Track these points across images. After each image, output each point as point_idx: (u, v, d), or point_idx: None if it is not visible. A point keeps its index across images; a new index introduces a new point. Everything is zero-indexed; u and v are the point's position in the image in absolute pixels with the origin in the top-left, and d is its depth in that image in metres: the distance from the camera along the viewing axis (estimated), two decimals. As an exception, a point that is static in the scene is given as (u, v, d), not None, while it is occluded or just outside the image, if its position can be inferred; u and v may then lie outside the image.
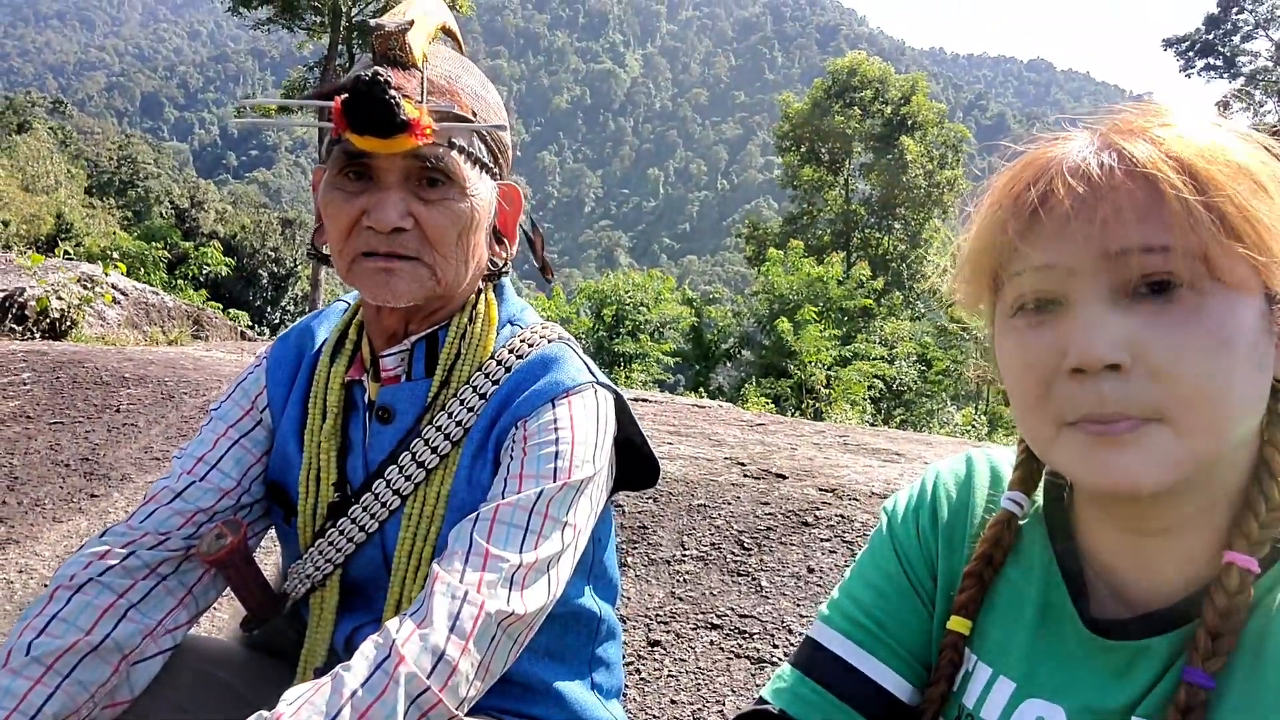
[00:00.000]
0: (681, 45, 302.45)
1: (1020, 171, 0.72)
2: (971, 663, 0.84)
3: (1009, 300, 0.73)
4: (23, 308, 6.51)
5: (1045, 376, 0.69)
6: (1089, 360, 0.66)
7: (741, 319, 22.48)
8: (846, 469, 3.27)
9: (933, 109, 33.32)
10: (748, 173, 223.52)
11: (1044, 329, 0.70)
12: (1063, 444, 0.69)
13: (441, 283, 1.15)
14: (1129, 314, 0.66)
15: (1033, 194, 0.69)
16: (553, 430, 1.13)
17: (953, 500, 0.91)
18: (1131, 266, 0.66)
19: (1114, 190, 0.66)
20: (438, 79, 1.12)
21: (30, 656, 1.05)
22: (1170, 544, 0.73)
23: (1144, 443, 0.65)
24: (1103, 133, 0.70)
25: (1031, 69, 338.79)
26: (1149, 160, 0.66)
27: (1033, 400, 0.71)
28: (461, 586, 1.01)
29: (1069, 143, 0.71)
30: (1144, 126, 0.69)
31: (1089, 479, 0.68)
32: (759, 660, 2.25)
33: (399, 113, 1.03)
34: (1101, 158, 0.67)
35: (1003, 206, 0.72)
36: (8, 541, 3.18)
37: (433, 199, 1.11)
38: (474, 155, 1.14)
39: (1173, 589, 0.74)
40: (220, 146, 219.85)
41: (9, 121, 42.57)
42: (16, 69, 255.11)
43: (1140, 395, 0.65)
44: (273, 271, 38.53)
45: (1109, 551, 0.78)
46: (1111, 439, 0.66)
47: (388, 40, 1.09)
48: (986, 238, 0.73)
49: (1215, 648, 0.68)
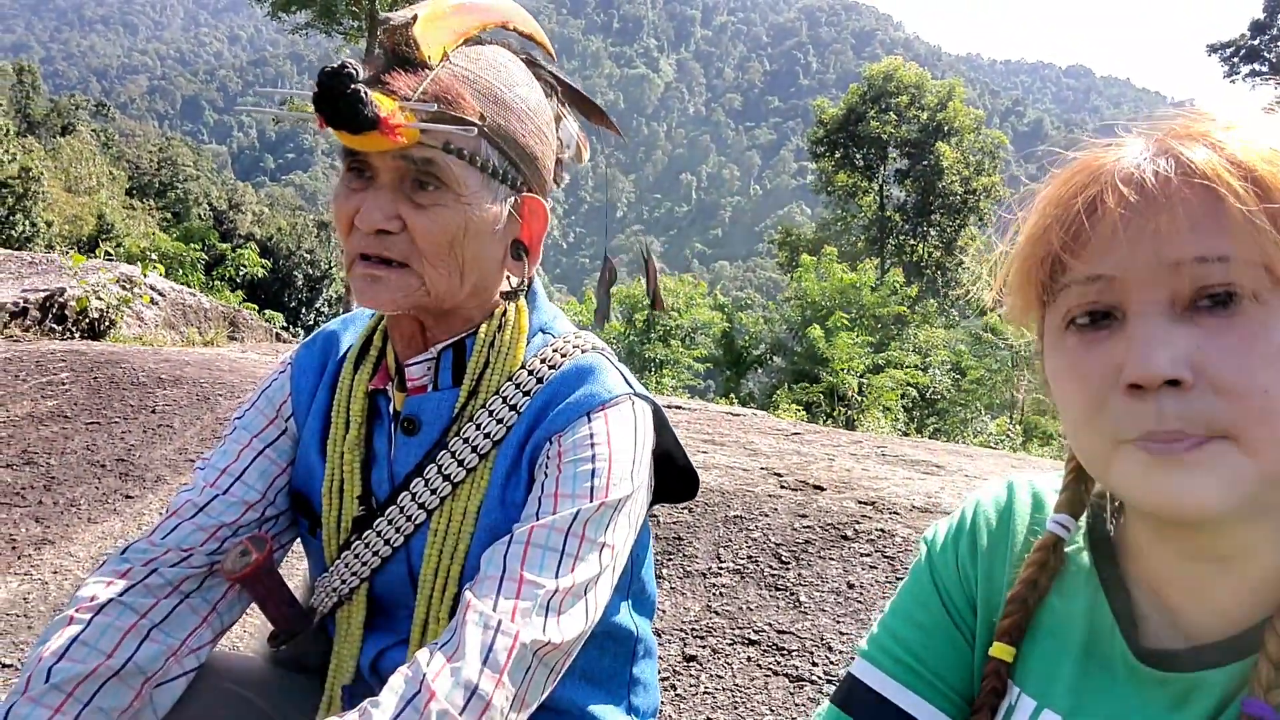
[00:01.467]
0: (716, 50, 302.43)
1: (1070, 178, 0.69)
2: (1015, 695, 0.80)
3: (1060, 313, 0.69)
4: (63, 308, 6.58)
5: (1100, 394, 0.66)
6: (1148, 377, 0.62)
7: (773, 325, 22.38)
8: (886, 481, 3.20)
9: (969, 115, 33.05)
10: (781, 178, 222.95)
11: (1098, 344, 0.66)
12: (1120, 463, 0.65)
13: (431, 293, 1.08)
14: (1190, 326, 0.63)
15: (1079, 202, 0.66)
16: (589, 446, 1.07)
17: (993, 528, 0.87)
18: (1189, 278, 0.62)
19: (1169, 199, 0.63)
20: (447, 78, 1.05)
21: (50, 684, 1.01)
22: (1230, 571, 0.69)
23: (1208, 461, 0.62)
24: (1159, 138, 0.67)
25: (1070, 75, 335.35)
26: (1209, 166, 0.62)
27: (1086, 418, 0.67)
28: (495, 615, 0.96)
29: (1122, 148, 0.68)
30: (1204, 131, 0.65)
31: (1148, 500, 0.65)
32: (798, 678, 2.19)
33: (365, 108, 0.97)
34: (1157, 164, 0.64)
35: (1050, 215, 0.69)
36: (43, 542, 3.18)
37: (423, 203, 1.05)
38: (480, 162, 1.06)
39: (1232, 620, 0.69)
40: (258, 149, 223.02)
41: (54, 124, 43.41)
42: (61, 72, 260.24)
43: (1203, 412, 0.61)
44: (308, 274, 38.92)
45: (1164, 579, 0.73)
46: (1173, 458, 0.62)
47: (393, 35, 1.04)
48: (1033, 248, 0.70)
49: (1278, 679, 0.64)
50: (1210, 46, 31.85)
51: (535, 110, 1.13)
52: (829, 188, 33.42)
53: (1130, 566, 0.77)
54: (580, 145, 1.28)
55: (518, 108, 1.10)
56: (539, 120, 1.14)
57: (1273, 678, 0.64)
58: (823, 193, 34.20)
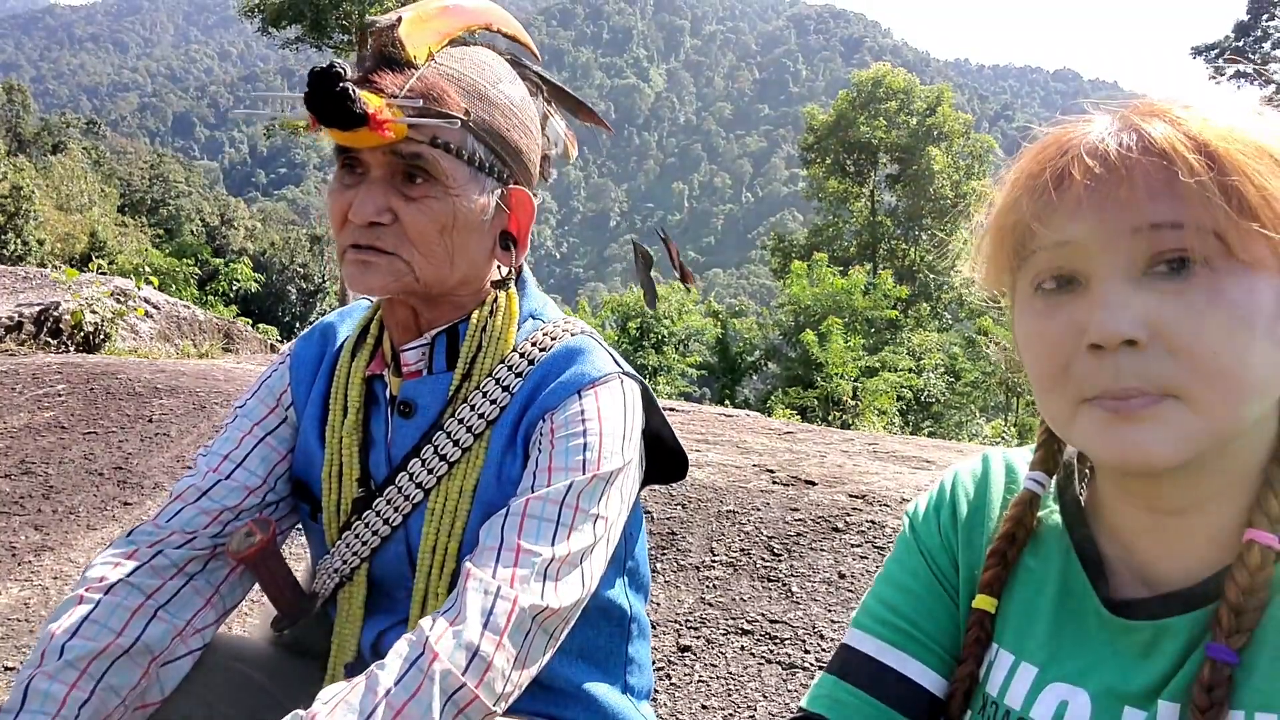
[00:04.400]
0: (705, 60, 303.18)
1: (1040, 151, 0.73)
2: (994, 651, 0.84)
3: (1029, 278, 0.73)
4: (57, 322, 6.60)
5: (1065, 354, 0.70)
6: (1107, 336, 0.66)
7: (766, 330, 22.43)
8: (876, 475, 3.24)
9: (959, 119, 33.19)
10: (772, 186, 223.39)
11: (1063, 307, 0.70)
12: (1080, 421, 0.70)
13: (420, 279, 1.13)
14: (1147, 291, 0.66)
15: (1048, 174, 0.70)
16: (580, 422, 1.12)
17: (971, 498, 0.91)
18: (1146, 243, 0.66)
19: (1130, 170, 0.67)
20: (433, 76, 1.09)
21: (64, 660, 1.04)
22: (1191, 523, 0.74)
23: (1160, 418, 0.66)
24: (1124, 114, 0.71)
25: (1058, 79, 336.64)
26: (1165, 139, 0.66)
27: (1051, 378, 0.72)
28: (494, 582, 1.00)
29: (1090, 124, 0.72)
30: (1165, 109, 0.70)
31: (1105, 454, 0.69)
32: (790, 666, 2.22)
33: (354, 105, 1.01)
34: (1121, 138, 0.68)
35: (1022, 185, 0.73)
36: (43, 549, 3.21)
37: (413, 196, 1.10)
38: (467, 155, 1.11)
39: (1194, 569, 0.74)
40: (250, 164, 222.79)
41: (45, 142, 43.39)
42: (52, 91, 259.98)
43: (1157, 371, 0.66)
44: (301, 287, 38.95)
45: (1130, 531, 0.78)
46: (1127, 414, 0.67)
47: (380, 36, 1.09)
48: (1006, 216, 0.74)
49: (1238, 624, 0.68)
50: (1195, 49, 32.03)
51: (519, 106, 1.18)
52: (820, 194, 33.50)
53: (1099, 524, 0.81)
54: (569, 143, 1.33)
55: (502, 103, 1.15)
56: (523, 116, 1.18)
57: (1232, 623, 0.68)
58: (814, 199, 34.27)
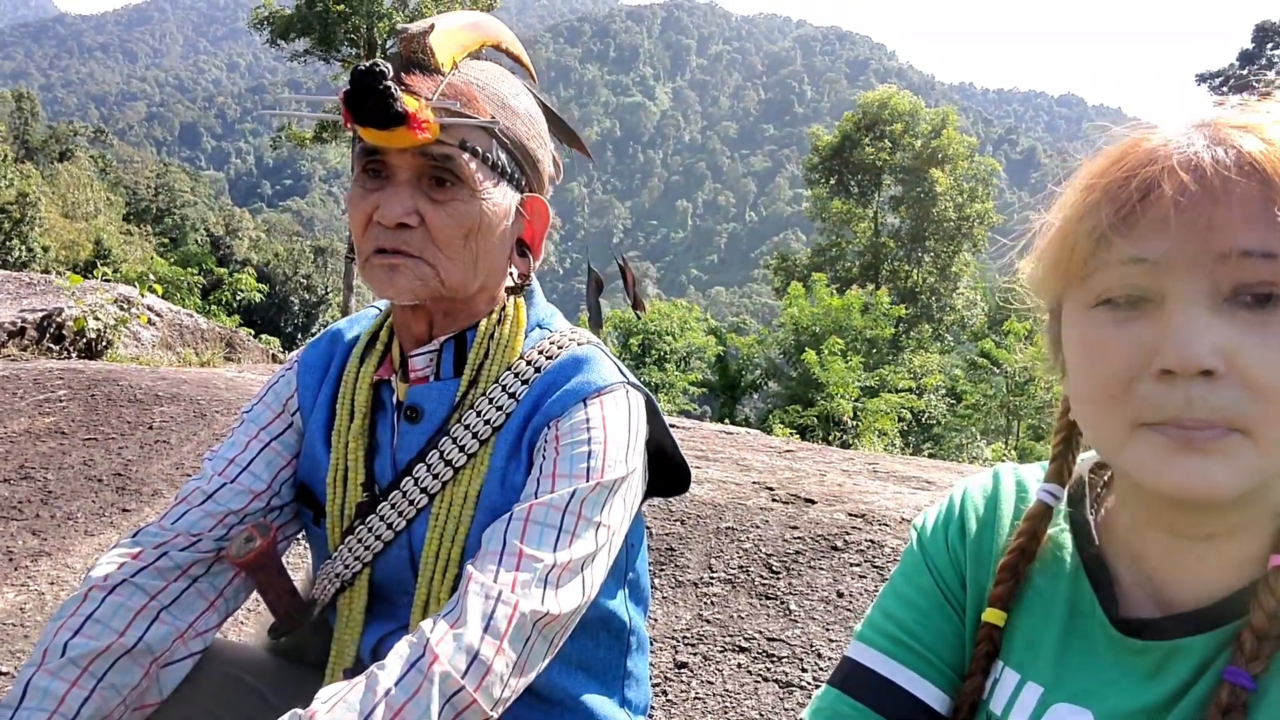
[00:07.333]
0: (711, 79, 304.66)
1: (1120, 158, 0.69)
2: (999, 670, 0.82)
3: (1094, 290, 0.69)
4: (60, 328, 6.61)
5: (1128, 375, 0.67)
6: (1185, 364, 0.63)
7: (767, 347, 22.44)
8: (876, 495, 3.23)
9: (963, 142, 33.31)
10: (776, 205, 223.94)
11: (1131, 324, 0.67)
12: (1136, 445, 0.67)
13: (446, 283, 1.14)
14: (1228, 320, 0.63)
15: (1134, 183, 0.66)
16: (585, 430, 1.12)
17: (980, 514, 0.90)
18: (1234, 270, 0.63)
19: (1227, 190, 0.63)
20: (460, 83, 1.12)
21: (66, 658, 1.05)
22: (1215, 549, 0.72)
23: (1226, 451, 0.64)
24: (1213, 124, 0.67)
25: (1063, 104, 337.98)
26: (1266, 158, 0.63)
27: (1110, 397, 0.68)
28: (495, 586, 1.00)
29: (1169, 133, 0.68)
30: (1258, 124, 0.66)
31: (1162, 482, 0.66)
32: (787, 684, 2.21)
33: (395, 104, 1.03)
34: (1215, 152, 0.64)
35: (1100, 192, 0.68)
36: (40, 554, 3.20)
37: (440, 199, 1.11)
38: (491, 161, 1.13)
39: (1210, 591, 0.72)
40: (256, 175, 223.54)
41: (51, 150, 43.62)
42: (60, 99, 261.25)
43: (1229, 404, 0.63)
44: (304, 299, 39.04)
45: (1147, 552, 0.76)
46: (1193, 445, 0.64)
47: (410, 43, 1.11)
48: (1082, 221, 0.69)
49: (1260, 650, 0.67)
50: (1199, 76, 32.18)
51: (535, 117, 1.21)
52: (824, 214, 33.59)
53: (1110, 543, 0.79)
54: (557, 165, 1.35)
55: (522, 113, 1.18)
56: (538, 126, 1.22)
57: (1255, 648, 0.67)
58: (818, 219, 34.35)
